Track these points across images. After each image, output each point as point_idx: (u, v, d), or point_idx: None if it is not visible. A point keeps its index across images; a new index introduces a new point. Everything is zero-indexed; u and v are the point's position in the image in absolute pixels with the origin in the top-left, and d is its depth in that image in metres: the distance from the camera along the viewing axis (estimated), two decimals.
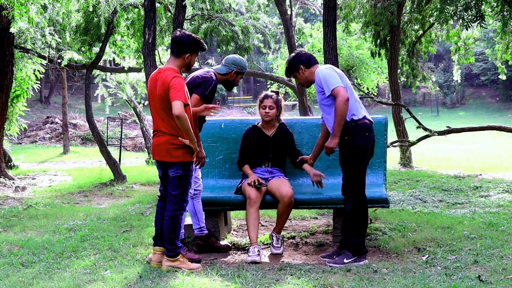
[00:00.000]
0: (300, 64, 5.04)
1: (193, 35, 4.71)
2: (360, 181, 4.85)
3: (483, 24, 7.98)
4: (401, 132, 13.00)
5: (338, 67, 7.81)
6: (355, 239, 4.79)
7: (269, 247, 5.43)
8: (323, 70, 4.92)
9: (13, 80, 11.54)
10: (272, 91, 5.72)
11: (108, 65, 14.88)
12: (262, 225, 6.37)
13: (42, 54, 12.02)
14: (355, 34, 17.05)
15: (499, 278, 4.12)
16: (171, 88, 4.47)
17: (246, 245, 5.49)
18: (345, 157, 4.88)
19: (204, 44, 4.77)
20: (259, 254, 4.98)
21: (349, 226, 4.86)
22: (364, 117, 4.89)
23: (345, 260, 4.75)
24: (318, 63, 5.09)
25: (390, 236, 5.52)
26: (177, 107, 4.39)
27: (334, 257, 4.88)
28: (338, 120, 4.77)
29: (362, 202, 4.85)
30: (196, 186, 5.23)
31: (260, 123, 5.68)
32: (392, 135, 11.17)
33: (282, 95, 6.05)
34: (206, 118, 5.32)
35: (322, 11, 9.05)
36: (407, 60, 13.51)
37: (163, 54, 13.32)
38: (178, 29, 5.06)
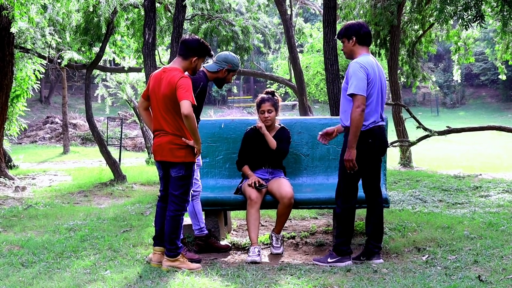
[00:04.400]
0: (354, 35, 4.80)
1: (202, 40, 4.75)
2: (352, 185, 4.80)
3: (483, 24, 7.98)
4: (401, 132, 13.01)
5: (338, 68, 7.83)
6: (338, 240, 4.82)
7: (269, 247, 5.42)
8: (357, 67, 4.65)
9: (13, 80, 11.53)
10: (267, 92, 5.63)
11: (108, 65, 14.89)
12: (262, 225, 6.37)
13: (42, 54, 12.02)
14: None
15: (499, 278, 4.12)
16: (178, 88, 4.46)
17: (246, 245, 5.49)
18: (343, 159, 4.81)
19: (211, 50, 4.81)
20: (259, 254, 4.98)
21: (337, 227, 4.86)
22: (371, 125, 4.73)
23: (329, 260, 4.78)
24: (368, 46, 4.85)
25: (390, 236, 5.52)
26: (186, 106, 4.39)
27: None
28: (354, 130, 4.62)
29: (350, 205, 4.81)
30: (195, 187, 5.22)
31: None
32: (392, 135, 11.18)
33: (282, 95, 6.01)
34: (200, 118, 5.22)
35: (322, 11, 9.05)
36: (407, 60, 13.51)
37: (163, 54, 13.33)
38: (188, 33, 5.10)
